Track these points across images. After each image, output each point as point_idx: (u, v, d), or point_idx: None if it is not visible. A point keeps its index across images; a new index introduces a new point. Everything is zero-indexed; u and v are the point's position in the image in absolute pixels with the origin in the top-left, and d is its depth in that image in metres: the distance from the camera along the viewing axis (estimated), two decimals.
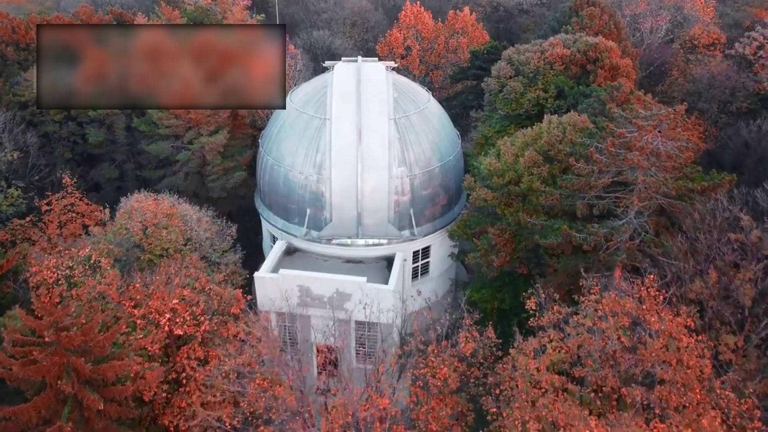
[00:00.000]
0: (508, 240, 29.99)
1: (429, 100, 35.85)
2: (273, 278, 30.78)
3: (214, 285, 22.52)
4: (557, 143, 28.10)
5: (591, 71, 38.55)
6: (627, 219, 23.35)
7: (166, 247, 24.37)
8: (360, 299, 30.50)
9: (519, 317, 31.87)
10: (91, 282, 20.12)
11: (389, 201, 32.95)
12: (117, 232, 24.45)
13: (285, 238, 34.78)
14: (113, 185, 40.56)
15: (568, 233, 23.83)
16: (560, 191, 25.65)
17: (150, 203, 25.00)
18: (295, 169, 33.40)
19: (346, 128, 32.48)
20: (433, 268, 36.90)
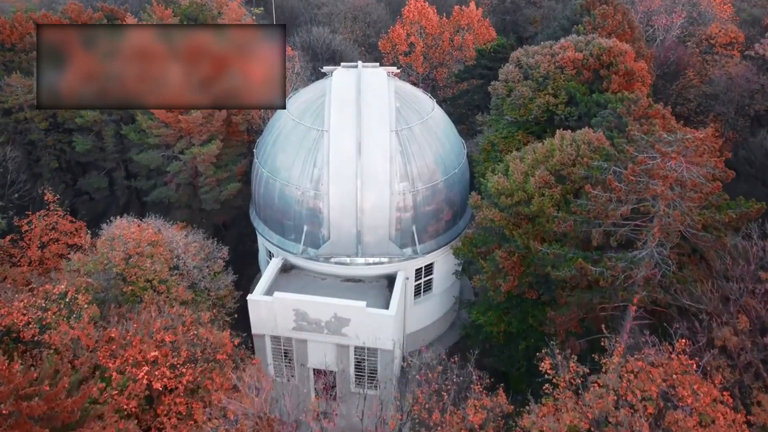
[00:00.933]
0: (516, 263, 28.21)
1: (433, 109, 33.90)
2: (267, 302, 29.13)
3: (200, 326, 20.85)
4: (570, 163, 26.22)
5: (604, 77, 36.50)
6: (647, 251, 21.53)
7: (150, 278, 22.70)
8: (359, 325, 28.92)
9: (527, 342, 30.33)
10: (64, 327, 18.48)
11: (390, 218, 31.16)
12: (98, 261, 22.77)
13: (281, 255, 33.10)
14: (102, 194, 38.83)
15: (582, 267, 22.04)
16: (574, 217, 23.80)
17: (133, 230, 23.29)
18: (291, 183, 31.59)
19: (345, 141, 30.60)
20: (437, 285, 35.21)
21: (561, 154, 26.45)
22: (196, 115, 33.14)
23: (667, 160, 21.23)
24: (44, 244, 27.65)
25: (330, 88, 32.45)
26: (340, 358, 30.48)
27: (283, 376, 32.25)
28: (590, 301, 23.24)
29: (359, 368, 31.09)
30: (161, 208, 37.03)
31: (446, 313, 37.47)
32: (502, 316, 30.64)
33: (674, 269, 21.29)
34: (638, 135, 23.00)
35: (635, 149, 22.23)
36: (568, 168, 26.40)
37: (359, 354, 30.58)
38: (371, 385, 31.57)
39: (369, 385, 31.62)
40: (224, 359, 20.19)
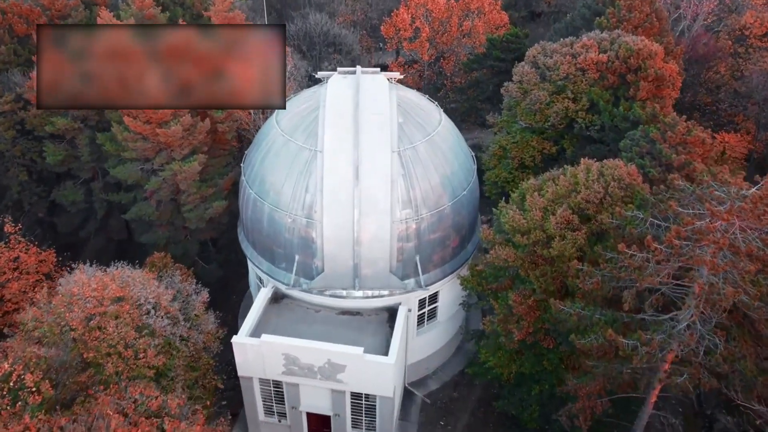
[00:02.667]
0: (531, 307, 25.16)
1: (440, 123, 30.32)
2: (253, 345, 26.27)
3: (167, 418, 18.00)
4: (597, 201, 22.89)
5: (632, 82, 32.80)
6: (691, 327, 18.41)
7: (115, 344, 19.81)
8: (356, 371, 26.13)
9: (541, 386, 27.54)
10: None
11: (391, 249, 28.00)
12: (53, 324, 19.84)
13: (271, 282, 30.11)
14: (79, 206, 35.67)
15: (613, 339, 18.97)
16: (602, 273, 20.61)
17: (95, 285, 20.25)
18: (281, 209, 28.35)
19: (341, 165, 27.22)
20: (442, 313, 32.30)
21: (587, 191, 23.08)
22: (175, 128, 29.68)
23: (717, 220, 17.91)
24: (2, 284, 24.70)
25: (324, 101, 28.88)
26: (336, 403, 27.81)
27: (274, 416, 29.68)
28: (620, 374, 20.26)
29: (356, 411, 28.44)
30: (142, 224, 33.93)
31: (451, 339, 34.67)
32: (514, 357, 27.76)
33: (722, 348, 18.20)
34: (683, 184, 19.59)
35: (679, 203, 18.85)
36: (594, 206, 23.09)
37: (356, 398, 27.88)
38: (369, 429, 28.98)
39: (367, 429, 29.04)
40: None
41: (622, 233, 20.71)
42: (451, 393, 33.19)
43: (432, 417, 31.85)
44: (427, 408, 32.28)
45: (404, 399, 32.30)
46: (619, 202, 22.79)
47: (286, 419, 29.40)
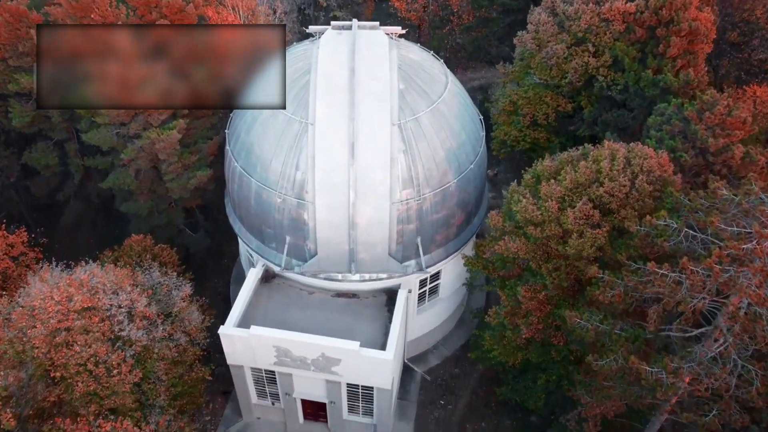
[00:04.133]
0: (542, 302, 23.17)
1: (446, 88, 27.05)
2: (242, 337, 24.53)
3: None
4: (621, 195, 20.30)
5: (662, 37, 29.10)
6: (725, 358, 16.39)
7: (84, 362, 17.93)
8: (351, 365, 24.56)
9: (548, 376, 26.06)
10: None
11: (390, 232, 25.67)
12: (14, 341, 17.83)
13: (262, 261, 28.03)
14: (53, 170, 32.99)
15: (636, 368, 17.01)
16: (624, 284, 18.39)
17: (58, 298, 18.05)
18: (269, 186, 25.76)
19: (335, 141, 24.35)
20: (444, 290, 30.42)
21: (611, 183, 20.41)
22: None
23: (764, 240, 15.45)
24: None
25: (316, 64, 25.56)
26: (331, 391, 26.47)
27: (267, 399, 28.49)
28: (639, 398, 18.49)
29: (353, 398, 27.18)
30: (123, 192, 31.39)
31: (453, 312, 33.03)
32: (521, 347, 26.08)
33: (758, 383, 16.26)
34: (727, 194, 16.89)
35: (720, 211, 16.29)
36: (618, 200, 20.52)
37: (353, 387, 26.52)
38: (366, 414, 27.85)
39: (364, 414, 27.91)
40: None
41: (652, 243, 18.27)
42: (452, 369, 31.92)
43: (432, 395, 30.71)
44: (426, 385, 31.09)
45: (403, 376, 31.06)
46: (647, 197, 20.20)
47: (279, 402, 28.23)
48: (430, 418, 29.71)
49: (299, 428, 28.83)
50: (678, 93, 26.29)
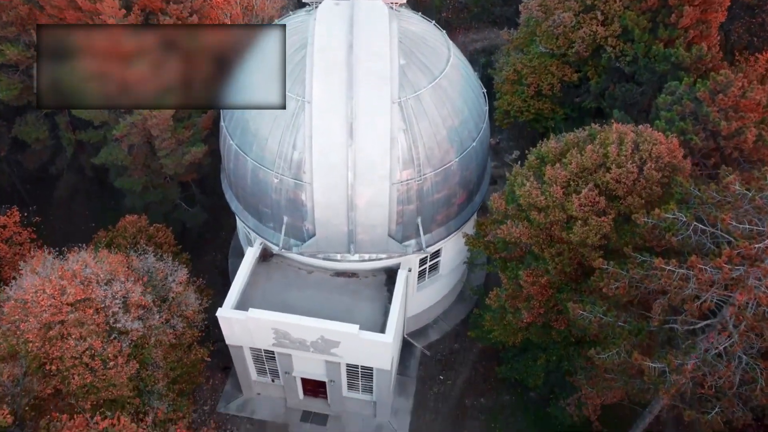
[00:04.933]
0: (544, 287, 22.82)
1: (448, 62, 25.98)
2: (240, 320, 24.31)
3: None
4: (628, 182, 19.66)
5: (674, 6, 27.82)
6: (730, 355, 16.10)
7: (79, 355, 17.67)
8: (351, 347, 24.45)
9: (548, 356, 25.99)
10: None
11: (390, 214, 25.12)
12: (8, 334, 17.50)
13: (260, 239, 27.59)
14: (44, 144, 32.17)
15: (639, 364, 16.75)
16: (629, 277, 17.97)
17: (50, 291, 17.62)
18: (266, 166, 25.07)
19: (333, 122, 23.52)
20: (444, 267, 30.10)
21: (618, 169, 19.73)
22: None
23: None
24: None
25: (312, 39, 24.47)
26: (330, 370, 26.46)
27: (267, 377, 28.56)
28: (641, 391, 18.33)
29: (352, 377, 27.21)
30: (117, 166, 30.67)
31: (454, 287, 32.82)
32: (521, 328, 25.91)
33: (763, 381, 16.02)
34: (740, 190, 16.24)
35: (733, 215, 15.72)
36: (624, 187, 19.90)
37: (352, 367, 26.50)
38: (366, 391, 27.96)
39: (363, 391, 28.02)
40: None
41: (659, 236, 17.75)
42: (451, 344, 31.92)
43: (431, 371, 30.80)
44: (426, 361, 31.15)
45: (403, 351, 31.09)
46: (655, 185, 19.57)
47: (279, 380, 28.29)
48: (429, 394, 29.87)
49: (299, 404, 29.01)
50: (690, 69, 25.29)
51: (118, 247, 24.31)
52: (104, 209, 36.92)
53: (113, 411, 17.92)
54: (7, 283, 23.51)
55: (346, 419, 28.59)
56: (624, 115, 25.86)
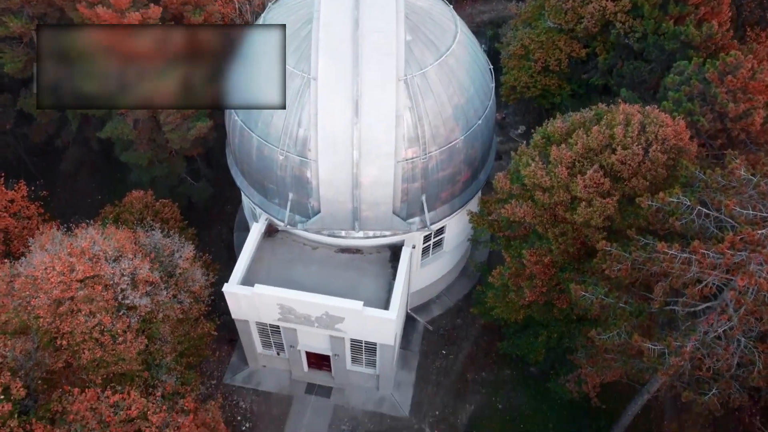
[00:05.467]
0: (547, 266, 23.02)
1: (455, 38, 25.71)
2: (246, 295, 24.66)
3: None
4: (633, 164, 19.66)
5: None
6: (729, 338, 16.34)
7: (89, 330, 18.02)
8: (355, 323, 24.83)
9: (549, 332, 26.34)
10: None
11: (395, 191, 25.21)
12: (19, 309, 17.83)
13: (265, 215, 27.77)
14: (49, 117, 32.16)
15: (638, 345, 17.02)
16: (631, 259, 18.13)
17: (60, 267, 17.88)
18: (271, 142, 25.09)
19: (338, 100, 23.43)
20: (449, 243, 30.30)
21: (624, 151, 19.71)
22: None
23: None
24: None
25: (318, 14, 24.19)
26: (335, 345, 26.92)
27: (272, 349, 29.08)
28: (640, 371, 18.65)
29: (356, 351, 27.68)
30: (122, 140, 30.71)
31: (457, 263, 33.09)
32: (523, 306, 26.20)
33: (761, 364, 16.27)
34: (745, 176, 16.24)
35: (738, 201, 15.76)
36: (629, 169, 19.90)
37: (356, 342, 26.94)
38: (369, 365, 28.47)
39: (367, 365, 28.53)
40: None
41: (663, 220, 17.84)
42: (454, 319, 32.34)
43: (434, 345, 31.28)
44: (429, 336, 31.60)
45: (406, 326, 31.52)
46: (660, 167, 19.57)
47: (284, 353, 28.80)
48: (431, 368, 30.39)
49: (304, 376, 29.58)
50: (699, 47, 24.99)
51: (124, 223, 24.56)
52: (110, 182, 37.11)
53: (123, 385, 18.38)
54: (16, 257, 23.88)
55: (349, 391, 29.18)
56: (631, 94, 25.66)
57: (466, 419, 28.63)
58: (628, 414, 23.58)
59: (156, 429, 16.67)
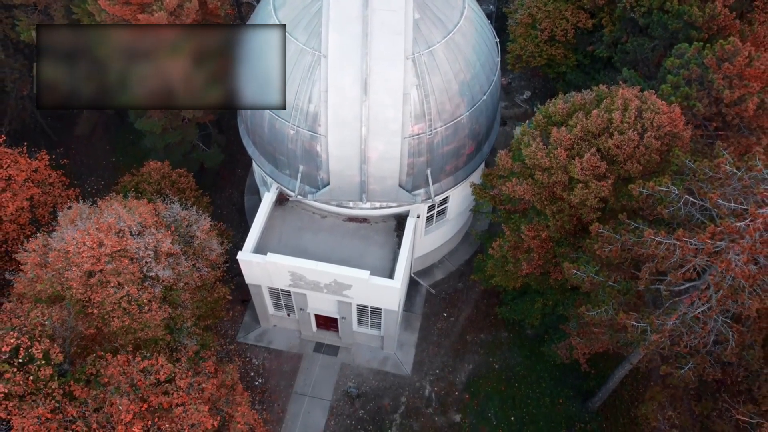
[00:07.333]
0: (544, 240, 24.32)
1: (462, 14, 26.17)
2: (259, 263, 26.14)
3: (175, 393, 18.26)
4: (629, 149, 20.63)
5: None
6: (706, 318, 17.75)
7: (118, 300, 19.52)
8: (362, 291, 26.38)
9: (545, 300, 27.86)
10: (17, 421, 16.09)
11: (401, 166, 26.27)
12: (53, 281, 19.31)
13: (275, 185, 28.96)
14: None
15: (623, 322, 18.47)
16: (622, 241, 19.39)
17: (90, 243, 19.21)
18: (282, 117, 26.02)
19: (348, 76, 24.20)
20: (451, 212, 31.55)
21: (620, 136, 20.64)
22: (160, 14, 26.02)
23: (758, 220, 16.18)
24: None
25: None
26: (342, 309, 28.59)
27: (283, 311, 30.83)
28: (625, 344, 20.16)
29: (362, 314, 29.38)
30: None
31: (460, 229, 34.40)
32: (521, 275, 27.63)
33: (734, 341, 17.72)
34: (730, 170, 17.25)
35: (721, 193, 16.84)
36: (625, 153, 20.87)
37: (362, 306, 28.58)
38: (374, 327, 30.23)
39: (372, 327, 30.29)
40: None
41: (652, 206, 18.97)
42: (456, 283, 33.89)
43: (436, 308, 32.96)
44: (431, 299, 33.25)
45: (410, 289, 33.14)
46: (654, 152, 20.55)
47: (294, 315, 30.54)
48: (433, 329, 32.16)
49: (312, 336, 31.42)
50: (702, 27, 25.42)
51: (143, 193, 25.82)
52: (124, 144, 38.18)
53: (149, 350, 20.07)
54: (42, 224, 25.29)
55: (355, 351, 31.07)
56: (633, 74, 26.27)
57: (464, 378, 30.57)
58: (615, 378, 25.34)
59: (183, 392, 18.42)
